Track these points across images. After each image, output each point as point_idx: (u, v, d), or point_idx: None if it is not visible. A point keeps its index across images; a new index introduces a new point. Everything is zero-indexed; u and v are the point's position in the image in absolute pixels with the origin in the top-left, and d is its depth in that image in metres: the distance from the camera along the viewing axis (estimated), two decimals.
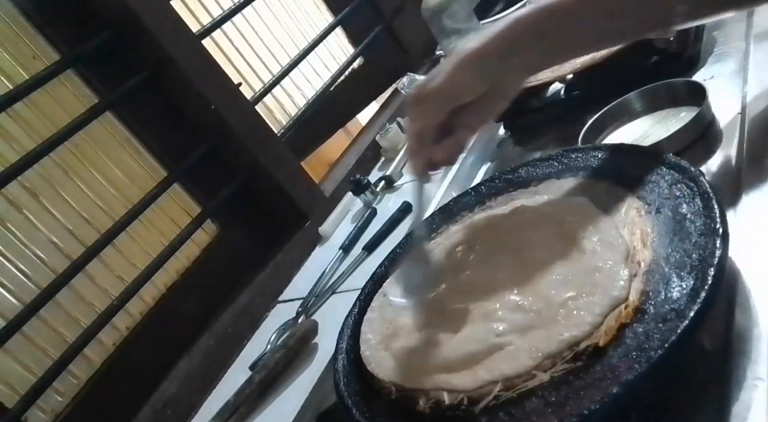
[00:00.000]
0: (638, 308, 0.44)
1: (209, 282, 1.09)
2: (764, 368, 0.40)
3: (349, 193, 1.17)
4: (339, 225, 1.16)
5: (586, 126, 0.76)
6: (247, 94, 1.21)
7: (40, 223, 0.93)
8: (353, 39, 1.53)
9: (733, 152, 0.61)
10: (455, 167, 1.04)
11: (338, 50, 1.51)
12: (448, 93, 0.56)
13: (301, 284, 1.05)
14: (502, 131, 1.01)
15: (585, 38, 0.59)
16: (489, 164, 0.98)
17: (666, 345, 0.39)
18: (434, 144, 0.58)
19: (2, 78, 0.93)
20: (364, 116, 1.54)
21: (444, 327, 0.54)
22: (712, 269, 0.42)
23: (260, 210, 1.17)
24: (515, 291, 0.53)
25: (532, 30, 0.56)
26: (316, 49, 1.39)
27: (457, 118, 0.58)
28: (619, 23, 0.56)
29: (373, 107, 1.55)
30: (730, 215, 0.47)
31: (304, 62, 1.37)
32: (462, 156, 0.59)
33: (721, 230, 0.45)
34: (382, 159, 1.29)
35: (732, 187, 0.57)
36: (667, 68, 0.80)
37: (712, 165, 0.62)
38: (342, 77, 1.44)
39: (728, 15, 0.63)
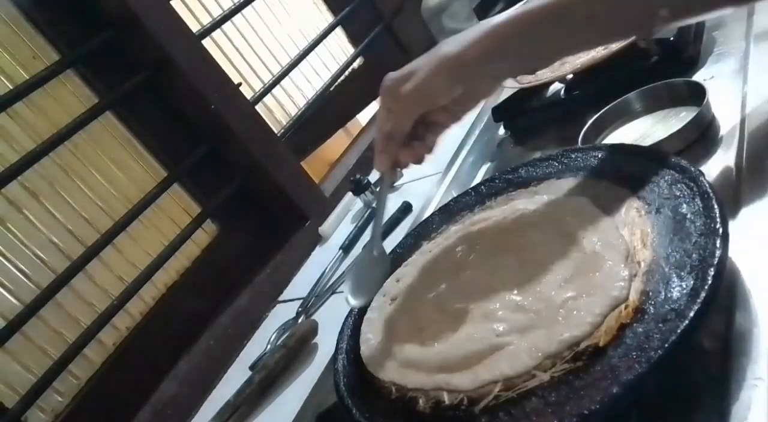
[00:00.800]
0: (638, 308, 0.44)
1: (209, 283, 1.09)
2: (764, 368, 0.40)
3: (349, 193, 1.17)
4: (339, 225, 1.15)
5: (586, 126, 0.76)
6: (247, 94, 1.21)
7: (40, 223, 0.93)
8: (353, 39, 1.53)
9: (733, 152, 0.61)
10: (455, 167, 1.04)
11: (338, 50, 1.51)
12: (423, 97, 0.57)
13: (301, 284, 1.05)
14: (502, 131, 1.01)
15: (563, 44, 0.58)
16: (489, 164, 0.98)
17: (666, 345, 0.39)
18: (402, 145, 0.59)
19: (2, 78, 0.93)
20: (364, 116, 1.54)
21: (444, 327, 0.54)
22: (712, 269, 0.42)
23: (260, 210, 1.17)
24: (515, 291, 0.53)
25: (510, 38, 0.55)
26: (316, 49, 1.39)
27: (427, 116, 0.59)
28: (598, 28, 0.55)
29: (373, 107, 1.55)
30: (729, 215, 0.47)
31: (304, 62, 1.37)
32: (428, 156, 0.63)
33: (721, 230, 0.45)
34: None
35: (732, 186, 0.57)
36: (667, 68, 0.80)
37: (712, 165, 0.62)
38: (342, 77, 1.44)
39: (711, 16, 0.63)
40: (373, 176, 1.22)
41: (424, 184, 1.08)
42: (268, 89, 1.28)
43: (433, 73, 0.56)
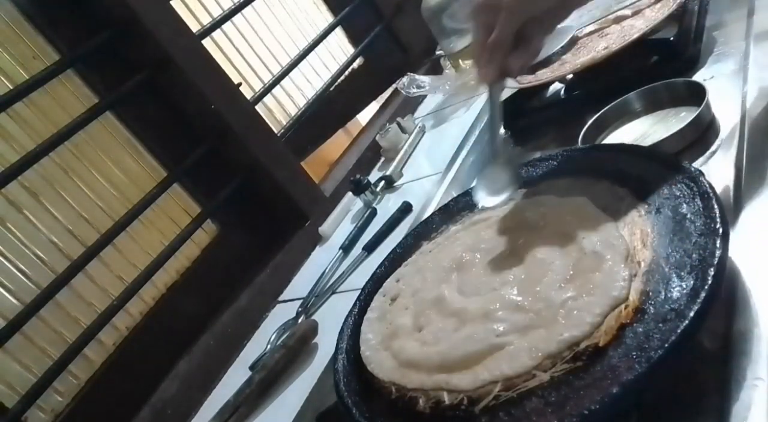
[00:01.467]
0: (638, 308, 0.44)
1: (209, 282, 1.09)
2: (764, 368, 0.40)
3: (349, 193, 1.17)
4: (339, 225, 1.16)
5: (586, 126, 0.76)
6: (247, 94, 1.21)
7: (40, 223, 0.93)
8: (353, 39, 1.53)
9: (733, 152, 0.61)
10: (455, 167, 1.04)
11: (338, 50, 1.51)
12: (527, 4, 0.57)
13: (301, 284, 1.05)
14: (502, 131, 1.01)
15: None
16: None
17: (666, 345, 0.39)
18: (508, 53, 0.59)
19: (2, 78, 0.93)
20: (364, 116, 1.54)
21: (444, 327, 0.54)
22: (712, 269, 0.42)
23: (260, 210, 1.17)
24: (515, 291, 0.53)
25: None
26: (316, 49, 1.39)
27: (521, 28, 0.59)
28: None
29: (373, 107, 1.55)
30: (730, 215, 0.47)
31: (304, 62, 1.37)
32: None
33: (721, 230, 0.45)
34: (382, 159, 1.29)
35: (732, 186, 0.57)
36: (667, 68, 0.80)
37: (712, 165, 0.62)
38: (342, 77, 1.44)
39: None
40: (373, 176, 1.22)
41: (424, 184, 1.08)
42: (268, 89, 1.28)
43: None
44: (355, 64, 1.49)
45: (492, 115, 0.66)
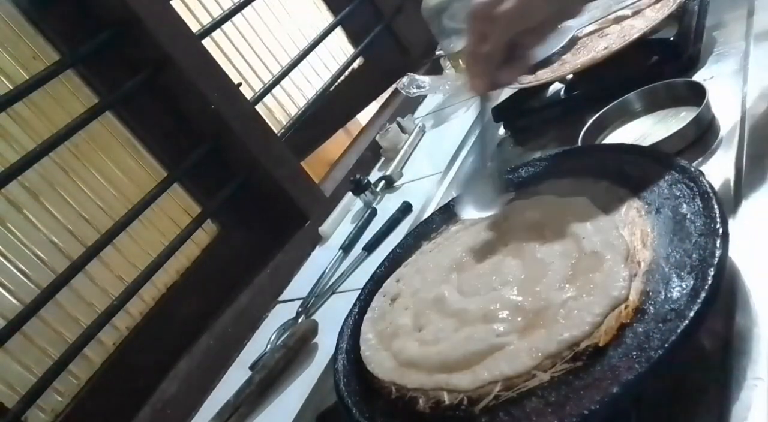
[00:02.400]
0: (638, 308, 0.44)
1: (209, 282, 1.09)
2: (764, 368, 0.40)
3: (349, 193, 1.17)
4: (339, 225, 1.16)
5: (586, 126, 0.76)
6: (247, 94, 1.21)
7: (40, 223, 0.93)
8: (353, 39, 1.53)
9: (733, 152, 0.61)
10: (455, 167, 1.04)
11: (338, 50, 1.51)
12: (522, 16, 0.57)
13: (301, 284, 1.05)
14: (502, 131, 1.01)
15: None
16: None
17: (666, 345, 0.39)
18: (498, 66, 0.59)
19: (2, 78, 0.93)
20: (364, 116, 1.54)
21: (444, 327, 0.54)
22: (712, 269, 0.42)
23: (260, 210, 1.17)
24: (515, 292, 0.53)
25: None
26: (316, 49, 1.39)
27: (514, 37, 0.59)
28: None
29: (373, 107, 1.55)
30: (730, 215, 0.47)
31: (304, 62, 1.37)
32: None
33: (721, 230, 0.45)
34: (382, 159, 1.29)
35: (732, 186, 0.57)
36: (667, 68, 0.80)
37: (712, 165, 0.62)
38: (342, 77, 1.44)
39: None
40: (373, 176, 1.22)
41: (424, 184, 1.08)
42: (268, 89, 1.28)
43: None
44: (355, 64, 1.49)
45: (483, 124, 0.68)
